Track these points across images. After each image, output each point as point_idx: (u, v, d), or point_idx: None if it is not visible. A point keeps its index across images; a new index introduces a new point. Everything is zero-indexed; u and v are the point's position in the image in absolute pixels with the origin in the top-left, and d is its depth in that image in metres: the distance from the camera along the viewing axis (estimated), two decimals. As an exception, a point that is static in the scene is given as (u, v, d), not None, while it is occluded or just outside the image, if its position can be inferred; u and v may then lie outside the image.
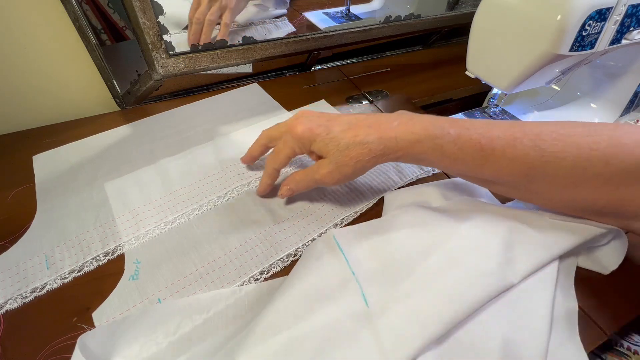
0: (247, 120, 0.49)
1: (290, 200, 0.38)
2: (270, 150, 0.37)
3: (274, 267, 0.32)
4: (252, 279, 0.31)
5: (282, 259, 0.33)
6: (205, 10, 0.48)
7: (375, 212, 0.38)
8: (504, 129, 0.30)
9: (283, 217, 0.36)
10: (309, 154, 0.34)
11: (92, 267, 0.32)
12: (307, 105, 0.53)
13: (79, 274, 0.31)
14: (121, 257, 0.32)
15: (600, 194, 0.28)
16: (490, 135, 0.29)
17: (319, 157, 0.34)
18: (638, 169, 0.26)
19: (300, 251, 0.34)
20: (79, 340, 0.25)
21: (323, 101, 0.54)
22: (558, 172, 0.28)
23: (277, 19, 0.59)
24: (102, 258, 0.32)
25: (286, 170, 0.41)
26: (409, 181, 0.41)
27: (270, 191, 0.38)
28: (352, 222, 0.36)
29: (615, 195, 0.28)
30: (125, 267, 0.32)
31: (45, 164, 0.42)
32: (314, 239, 0.35)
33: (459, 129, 0.30)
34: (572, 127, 0.29)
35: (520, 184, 0.31)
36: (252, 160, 0.40)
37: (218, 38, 0.50)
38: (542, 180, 0.29)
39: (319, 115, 0.33)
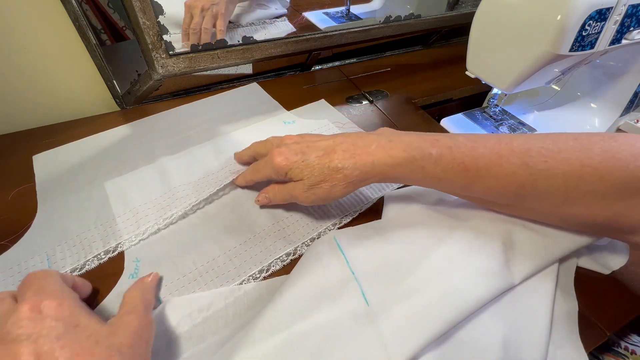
0: (246, 120, 0.49)
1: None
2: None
3: (273, 266, 0.32)
4: (251, 277, 0.31)
5: (281, 258, 0.33)
6: (199, 21, 0.48)
7: (375, 212, 0.38)
8: (490, 146, 0.28)
9: (282, 217, 0.36)
10: (287, 180, 0.33)
11: (93, 266, 0.32)
12: (307, 105, 0.53)
13: (80, 272, 0.31)
14: (121, 256, 0.32)
15: (595, 209, 0.27)
16: (474, 154, 0.28)
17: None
18: (633, 183, 0.25)
19: (299, 250, 0.34)
20: None
21: (323, 101, 0.54)
22: (549, 190, 0.27)
23: (277, 19, 0.59)
24: (103, 256, 0.32)
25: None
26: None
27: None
28: (351, 222, 0.36)
29: (611, 211, 0.27)
30: (125, 266, 0.32)
31: (46, 164, 0.42)
32: (312, 238, 0.35)
33: (440, 149, 0.29)
34: (563, 142, 0.27)
35: (511, 202, 0.30)
36: (240, 162, 0.40)
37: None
38: (533, 198, 0.28)
39: (299, 142, 0.33)
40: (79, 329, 0.20)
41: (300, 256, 0.33)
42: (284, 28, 0.59)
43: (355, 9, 0.68)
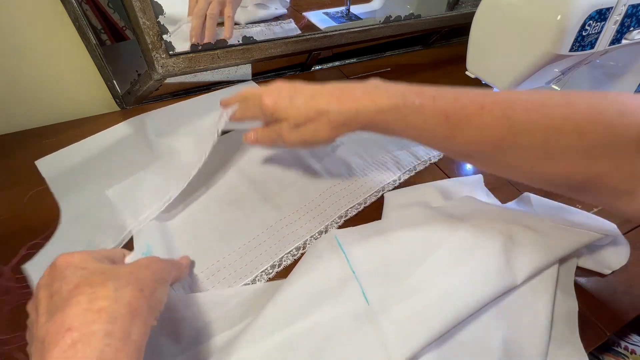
0: None
1: (294, 196, 0.39)
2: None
3: (284, 261, 0.33)
4: (263, 273, 0.32)
5: (291, 252, 0.34)
6: (204, 6, 0.47)
7: (375, 212, 0.38)
8: (473, 97, 0.28)
9: (287, 212, 0.37)
10: (273, 122, 0.34)
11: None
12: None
13: None
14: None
15: (575, 167, 0.26)
16: (456, 105, 0.28)
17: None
18: (614, 142, 0.24)
19: (308, 244, 0.34)
20: None
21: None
22: (530, 144, 0.26)
23: (282, 21, 0.59)
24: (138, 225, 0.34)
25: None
26: (407, 171, 0.41)
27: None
28: (354, 218, 0.37)
29: (592, 170, 0.25)
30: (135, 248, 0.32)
31: (51, 165, 0.42)
32: (320, 231, 0.35)
33: (424, 99, 0.29)
34: (549, 97, 0.27)
35: (493, 157, 0.29)
36: (224, 105, 0.38)
37: (225, 32, 0.50)
38: (513, 152, 0.27)
39: (289, 87, 0.33)
40: (85, 270, 0.22)
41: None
42: (288, 28, 0.59)
43: (355, 9, 0.68)
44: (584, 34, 0.36)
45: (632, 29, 0.40)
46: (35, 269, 0.31)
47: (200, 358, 0.26)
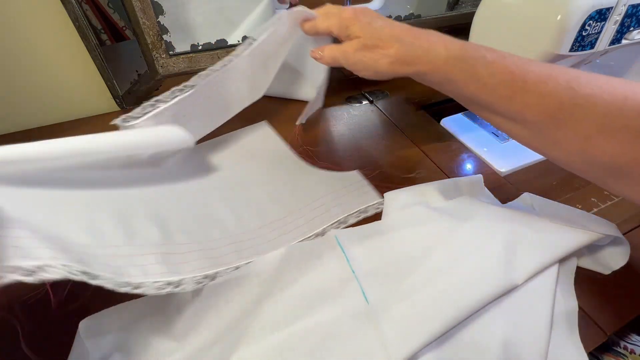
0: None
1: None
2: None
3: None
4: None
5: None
6: None
7: (376, 213, 0.38)
8: (541, 66, 0.29)
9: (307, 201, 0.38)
10: (345, 38, 0.36)
11: None
12: (247, 127, 0.48)
13: None
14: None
15: (625, 148, 0.26)
16: (525, 68, 0.29)
17: None
18: None
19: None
20: (80, 325, 0.25)
21: (264, 122, 0.49)
22: (587, 117, 0.27)
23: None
24: None
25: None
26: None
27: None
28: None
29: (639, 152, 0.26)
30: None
31: None
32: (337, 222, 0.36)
33: (495, 56, 0.30)
34: (614, 79, 0.27)
35: (544, 127, 0.29)
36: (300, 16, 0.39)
37: None
38: (568, 123, 0.28)
39: (372, 12, 0.36)
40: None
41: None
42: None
43: (355, 9, 0.67)
44: (584, 34, 0.36)
45: (632, 29, 0.40)
46: None
47: (199, 357, 0.26)
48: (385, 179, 0.43)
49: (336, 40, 0.38)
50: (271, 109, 0.52)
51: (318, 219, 0.36)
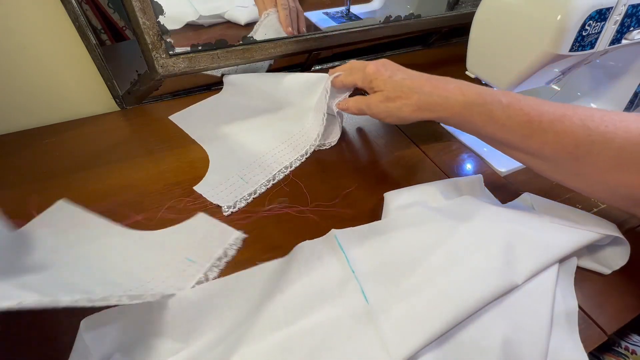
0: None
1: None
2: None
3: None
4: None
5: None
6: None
7: (375, 213, 0.38)
8: (555, 106, 0.30)
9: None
10: (368, 90, 0.40)
11: (281, 176, 0.42)
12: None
13: (273, 182, 0.41)
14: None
15: None
16: (540, 109, 0.30)
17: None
18: None
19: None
20: (82, 323, 0.25)
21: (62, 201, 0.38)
22: (604, 153, 0.28)
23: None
24: (284, 171, 0.43)
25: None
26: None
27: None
28: (352, 222, 0.37)
29: None
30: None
31: (182, 119, 0.50)
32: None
33: (510, 99, 0.32)
34: (625, 115, 0.29)
35: (564, 162, 0.31)
36: (331, 73, 0.44)
37: (300, 25, 0.56)
38: (587, 159, 0.29)
39: (392, 64, 0.39)
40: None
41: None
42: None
43: (355, 9, 0.68)
44: (584, 34, 0.36)
45: (632, 29, 0.40)
46: (203, 189, 0.40)
47: (200, 357, 0.26)
48: (385, 179, 0.43)
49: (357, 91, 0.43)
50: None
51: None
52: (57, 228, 0.35)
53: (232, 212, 0.38)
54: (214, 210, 0.38)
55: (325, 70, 0.64)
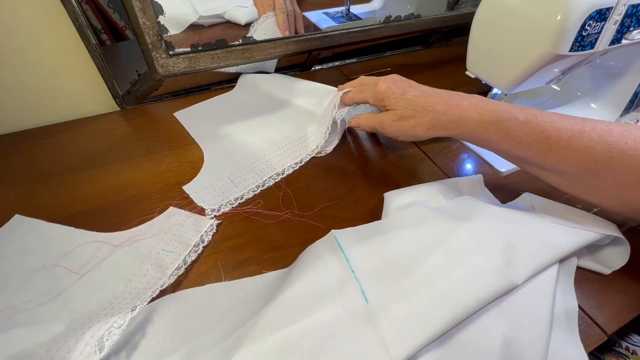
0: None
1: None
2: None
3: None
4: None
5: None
6: (283, 4, 0.54)
7: (375, 212, 0.38)
8: (573, 122, 0.30)
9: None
10: (380, 107, 0.39)
11: (271, 183, 0.42)
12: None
13: (262, 188, 0.41)
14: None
15: None
16: (557, 126, 0.30)
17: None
18: None
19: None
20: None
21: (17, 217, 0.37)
22: (623, 170, 0.28)
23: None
24: (275, 177, 0.42)
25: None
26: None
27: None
28: (352, 223, 0.37)
29: None
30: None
31: (186, 117, 0.50)
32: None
33: (527, 115, 0.31)
34: None
35: (582, 178, 0.30)
36: (341, 88, 0.44)
37: (298, 27, 0.57)
38: (605, 175, 0.29)
39: (403, 81, 0.39)
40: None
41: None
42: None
43: (355, 9, 0.68)
44: (584, 34, 0.36)
45: (632, 29, 0.40)
46: (191, 190, 0.40)
47: (200, 357, 0.26)
48: (384, 179, 0.43)
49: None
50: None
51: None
52: (16, 245, 0.33)
53: (215, 215, 0.37)
54: (201, 212, 0.37)
55: (326, 70, 0.64)
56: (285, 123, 0.50)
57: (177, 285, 0.31)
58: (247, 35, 0.52)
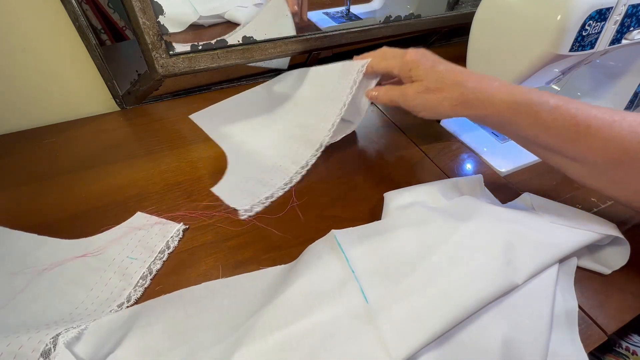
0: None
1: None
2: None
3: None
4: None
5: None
6: None
7: (375, 212, 0.38)
8: (603, 111, 0.29)
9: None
10: (405, 79, 0.36)
11: (298, 178, 0.42)
12: None
13: (290, 185, 0.41)
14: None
15: None
16: (587, 114, 0.29)
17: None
18: None
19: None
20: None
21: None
22: None
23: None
24: (300, 171, 0.42)
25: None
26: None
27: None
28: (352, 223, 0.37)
29: None
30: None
31: (203, 119, 0.50)
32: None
33: (558, 101, 0.30)
34: None
35: (609, 169, 0.30)
36: (362, 58, 0.42)
37: (303, 16, 0.56)
38: (632, 167, 0.28)
39: (432, 54, 0.36)
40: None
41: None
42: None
43: (355, 9, 0.68)
44: (584, 34, 0.36)
45: (632, 29, 0.40)
46: (221, 191, 0.40)
47: (200, 357, 0.26)
48: (384, 179, 0.43)
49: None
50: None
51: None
52: None
53: (249, 216, 0.37)
54: (232, 212, 0.38)
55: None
56: (303, 113, 0.48)
57: (176, 286, 0.31)
58: (247, 36, 0.52)
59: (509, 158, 0.46)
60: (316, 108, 0.46)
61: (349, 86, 0.41)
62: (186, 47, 0.47)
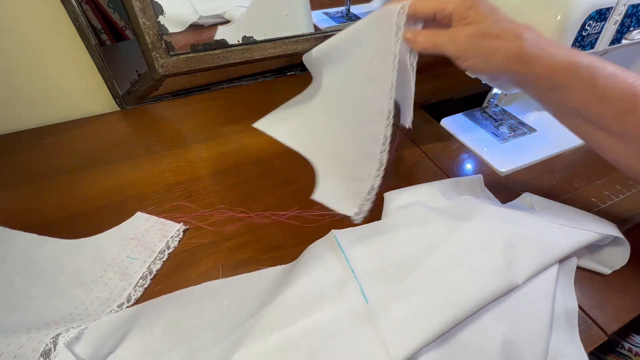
0: None
1: None
2: None
3: None
4: None
5: None
6: None
7: (375, 212, 0.38)
8: None
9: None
10: (458, 20, 0.31)
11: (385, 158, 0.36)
12: None
13: None
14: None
15: None
16: None
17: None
18: None
19: None
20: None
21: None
22: None
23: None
24: (384, 148, 0.36)
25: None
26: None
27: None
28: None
29: None
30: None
31: (268, 126, 0.49)
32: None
33: (615, 68, 0.28)
34: None
35: None
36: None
37: None
38: None
39: (493, 4, 0.31)
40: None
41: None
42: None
43: (355, 9, 0.68)
44: (584, 34, 0.36)
45: (632, 29, 0.40)
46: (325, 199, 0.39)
47: (199, 356, 0.26)
48: (384, 179, 0.43)
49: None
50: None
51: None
52: None
53: (362, 217, 0.35)
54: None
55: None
56: (356, 88, 0.41)
57: (176, 286, 0.31)
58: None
59: (509, 158, 0.46)
60: (365, 74, 0.39)
61: (394, 34, 0.33)
62: (186, 47, 0.47)
